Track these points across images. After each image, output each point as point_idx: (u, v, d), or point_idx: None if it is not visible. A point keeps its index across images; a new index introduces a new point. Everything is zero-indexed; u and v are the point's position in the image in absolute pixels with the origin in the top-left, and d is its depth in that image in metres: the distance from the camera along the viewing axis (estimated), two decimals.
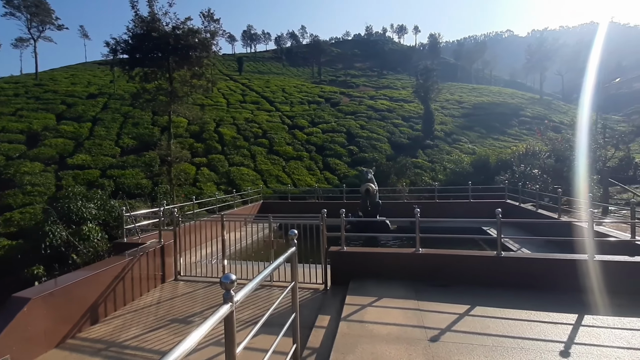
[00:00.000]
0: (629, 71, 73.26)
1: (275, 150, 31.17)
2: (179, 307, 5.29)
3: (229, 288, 1.59)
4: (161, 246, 6.36)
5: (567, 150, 14.50)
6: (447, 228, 10.50)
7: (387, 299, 4.85)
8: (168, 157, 16.55)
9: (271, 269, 2.37)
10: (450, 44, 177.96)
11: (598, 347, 3.53)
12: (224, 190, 21.58)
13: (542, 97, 68.33)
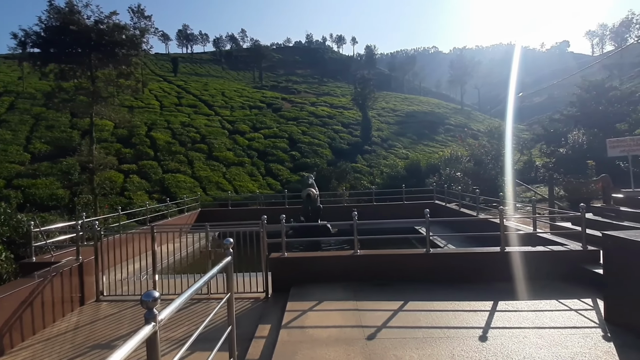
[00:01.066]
0: (529, 87, 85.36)
1: (215, 155, 29.95)
2: (101, 331, 4.77)
3: (152, 307, 1.47)
4: (79, 264, 5.68)
5: (483, 155, 16.41)
6: (384, 229, 11.08)
7: (328, 302, 4.94)
8: (90, 164, 14.89)
9: (203, 281, 2.27)
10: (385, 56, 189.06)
11: (510, 329, 4.00)
12: (157, 199, 20.07)
13: (463, 108, 76.03)
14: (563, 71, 73.19)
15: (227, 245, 2.87)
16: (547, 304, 4.65)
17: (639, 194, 7.42)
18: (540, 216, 8.12)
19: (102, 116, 16.90)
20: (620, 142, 8.30)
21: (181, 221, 13.71)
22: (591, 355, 3.35)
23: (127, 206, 17.55)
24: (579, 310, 4.41)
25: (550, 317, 4.24)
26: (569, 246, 5.87)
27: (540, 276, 5.54)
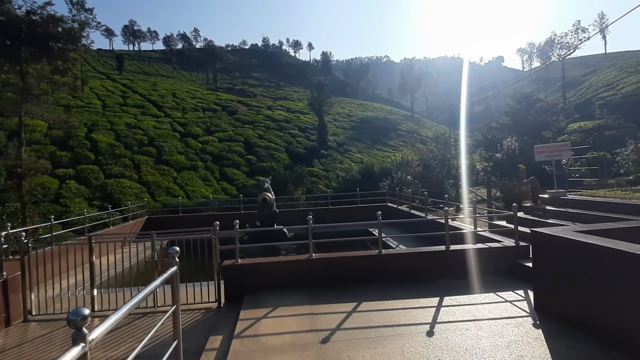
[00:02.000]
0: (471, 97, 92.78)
1: (165, 159, 28.38)
2: (29, 354, 4.25)
3: (80, 326, 1.35)
4: (3, 280, 5.04)
5: (431, 159, 17.47)
6: (339, 232, 11.28)
7: (283, 308, 4.89)
8: (18, 169, 13.30)
9: (143, 295, 2.12)
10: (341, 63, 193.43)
11: (454, 322, 4.26)
12: (99, 206, 18.51)
13: (413, 115, 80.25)
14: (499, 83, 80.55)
15: (173, 254, 2.73)
16: (485, 297, 5.04)
17: (561, 194, 8.39)
18: (479, 216, 8.80)
19: (34, 115, 15.23)
20: (545, 148, 9.36)
21: (125, 230, 12.77)
22: (523, 343, 3.67)
23: (62, 215, 15.95)
24: (513, 302, 4.83)
25: (489, 309, 4.60)
26: (504, 243, 6.42)
27: (480, 271, 5.99)
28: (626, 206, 6.76)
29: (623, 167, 14.45)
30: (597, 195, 7.90)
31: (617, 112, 25.12)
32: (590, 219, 6.84)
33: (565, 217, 7.51)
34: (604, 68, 67.97)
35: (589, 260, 3.74)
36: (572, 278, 4.01)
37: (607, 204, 7.18)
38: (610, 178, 13.53)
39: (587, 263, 3.76)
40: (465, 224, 8.97)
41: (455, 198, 14.59)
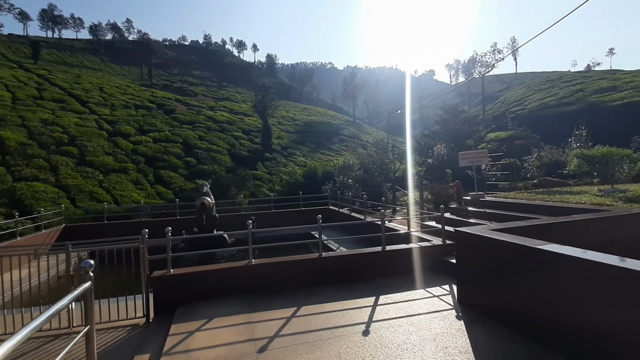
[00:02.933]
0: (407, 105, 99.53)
1: (89, 161, 25.56)
2: None
3: None
4: None
5: (370, 163, 18.34)
6: (282, 236, 11.16)
7: (219, 318, 4.68)
8: None
9: (48, 315, 1.86)
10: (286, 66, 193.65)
11: (388, 320, 4.47)
12: (5, 213, 15.99)
13: (355, 120, 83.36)
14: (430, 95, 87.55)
15: (87, 268, 2.44)
16: (416, 293, 5.39)
17: (480, 196, 9.38)
18: (412, 217, 9.40)
19: None
20: (467, 155, 10.44)
21: (37, 240, 11.20)
22: (448, 334, 3.99)
23: None
24: (440, 296, 5.23)
25: (419, 305, 4.92)
26: (433, 242, 6.95)
27: (413, 269, 6.40)
28: (530, 206, 7.79)
29: (529, 172, 16.78)
30: (508, 197, 9.02)
31: (525, 124, 29.09)
32: (503, 218, 7.74)
33: (483, 216, 8.39)
34: (515, 85, 77.77)
35: (500, 255, 4.21)
36: (488, 272, 4.48)
37: (516, 204, 8.20)
38: (519, 181, 15.60)
39: (500, 258, 4.23)
40: (400, 225, 9.53)
41: (392, 201, 15.47)
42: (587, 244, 5.06)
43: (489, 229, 4.82)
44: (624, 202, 6.91)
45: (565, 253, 3.35)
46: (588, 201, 7.22)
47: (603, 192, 8.07)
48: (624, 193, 7.68)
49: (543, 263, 3.60)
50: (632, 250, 5.53)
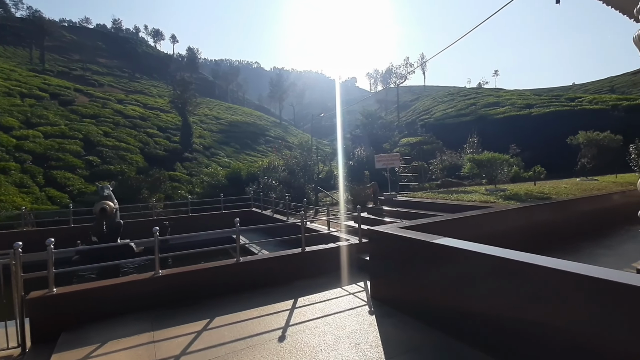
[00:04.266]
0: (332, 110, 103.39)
1: None
2: None
3: None
4: None
5: (294, 165, 18.46)
6: (201, 242, 10.47)
7: (114, 341, 4.09)
8: None
9: None
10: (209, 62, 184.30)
11: (305, 322, 4.44)
12: None
13: (282, 122, 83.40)
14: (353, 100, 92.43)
15: None
16: (333, 292, 5.50)
17: (393, 196, 10.14)
18: (333, 218, 9.68)
19: None
20: (383, 158, 11.25)
21: None
22: (360, 330, 4.13)
23: None
24: (355, 293, 5.43)
25: (335, 304, 5.02)
26: (351, 241, 7.22)
27: (332, 269, 6.54)
28: (434, 204, 8.67)
29: (434, 174, 18.90)
30: (416, 196, 9.94)
31: (432, 131, 32.79)
32: (412, 215, 8.44)
33: (396, 215, 9.05)
34: (424, 97, 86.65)
35: (406, 251, 4.53)
36: (396, 267, 4.78)
37: (423, 203, 9.05)
38: (426, 182, 17.43)
39: (406, 253, 4.55)
40: (321, 226, 9.71)
41: (315, 202, 15.77)
42: (477, 237, 5.76)
43: (398, 227, 5.17)
44: (504, 199, 8.17)
45: (458, 246, 3.74)
46: (477, 199, 8.35)
47: (489, 192, 9.44)
48: (503, 192, 9.10)
49: (441, 256, 3.98)
50: (510, 239, 6.50)
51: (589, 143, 16.29)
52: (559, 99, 43.98)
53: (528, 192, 9.11)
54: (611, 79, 70.76)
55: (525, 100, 44.96)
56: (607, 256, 6.07)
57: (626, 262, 5.58)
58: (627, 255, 5.93)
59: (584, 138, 16.74)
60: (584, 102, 39.97)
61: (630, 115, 31.57)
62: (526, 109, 40.80)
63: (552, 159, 23.92)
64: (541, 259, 3.03)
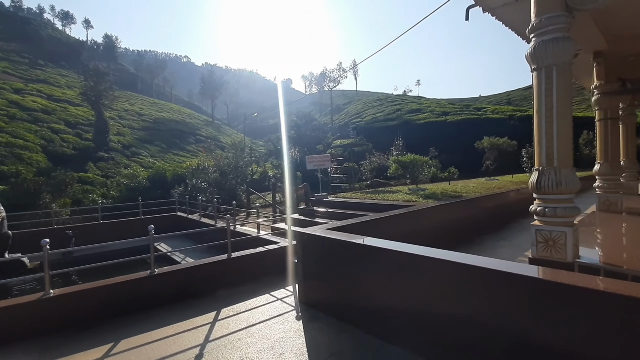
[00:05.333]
0: (267, 110, 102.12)
1: None
2: None
3: None
4: None
5: (226, 166, 17.65)
6: (114, 252, 9.31)
7: None
8: None
9: None
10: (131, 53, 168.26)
11: (227, 336, 4.14)
12: None
13: (214, 121, 79.67)
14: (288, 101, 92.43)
15: None
16: (260, 299, 5.28)
17: (324, 197, 10.27)
18: (264, 220, 9.41)
19: None
20: (314, 158, 11.36)
21: None
22: (286, 338, 3.98)
23: None
24: (283, 299, 5.28)
25: (262, 312, 4.81)
26: (281, 243, 7.06)
27: (260, 274, 6.30)
28: (363, 204, 8.98)
29: (364, 175, 19.80)
30: (346, 197, 10.22)
31: (362, 134, 34.45)
32: (342, 216, 8.61)
33: (327, 215, 9.15)
34: (355, 101, 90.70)
35: (332, 252, 4.53)
36: (322, 268, 4.76)
37: (353, 203, 9.32)
38: (356, 182, 18.16)
39: (332, 254, 4.55)
40: (251, 229, 9.38)
41: (246, 204, 15.24)
42: (399, 235, 6.04)
43: (325, 228, 5.17)
44: (424, 198, 8.83)
45: (377, 245, 3.84)
46: (401, 199, 8.88)
47: (411, 191, 10.14)
48: (423, 191, 9.86)
49: (362, 256, 4.04)
50: (429, 235, 6.99)
51: (491, 147, 18.63)
52: (469, 108, 49.76)
53: (444, 191, 9.99)
54: (508, 92, 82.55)
55: (442, 108, 49.90)
56: (505, 247, 6.89)
57: (520, 252, 6.39)
58: (521, 246, 6.81)
59: (487, 143, 19.10)
60: (488, 112, 45.80)
61: (523, 124, 37.02)
62: (443, 116, 45.33)
63: (463, 160, 26.85)
64: (447, 254, 3.25)
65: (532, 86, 4.82)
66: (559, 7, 4.61)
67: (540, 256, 4.59)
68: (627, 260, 4.92)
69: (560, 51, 4.49)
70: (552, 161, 4.52)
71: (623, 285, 2.30)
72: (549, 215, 4.53)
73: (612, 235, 6.65)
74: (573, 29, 4.73)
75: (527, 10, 4.94)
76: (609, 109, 8.73)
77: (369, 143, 25.06)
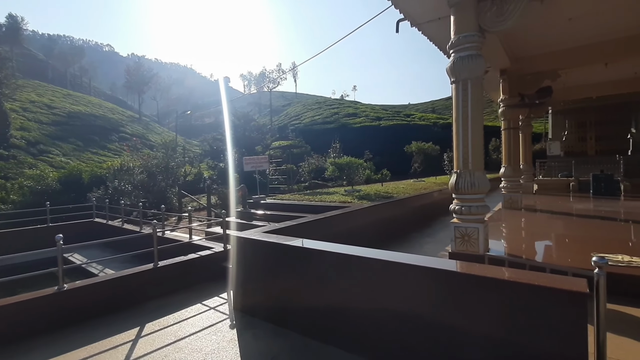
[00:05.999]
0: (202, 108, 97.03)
1: None
2: None
3: None
4: None
5: (155, 166, 16.27)
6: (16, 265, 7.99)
7: None
8: None
9: None
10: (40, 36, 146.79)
11: (151, 353, 3.78)
12: None
13: (142, 118, 73.22)
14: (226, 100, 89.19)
15: None
16: (192, 310, 4.96)
17: (262, 199, 10.09)
18: (198, 225, 8.90)
19: None
20: (251, 160, 11.11)
21: None
22: (219, 349, 3.78)
23: None
24: (217, 307, 5.03)
25: (192, 323, 4.51)
26: (215, 249, 6.73)
27: (192, 283, 5.92)
28: (301, 206, 9.03)
29: (302, 176, 19.99)
30: (284, 198, 10.17)
31: (301, 136, 34.79)
32: (280, 218, 8.53)
33: (265, 218, 8.99)
34: (295, 103, 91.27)
35: (267, 256, 4.44)
36: (258, 273, 4.64)
37: (291, 205, 9.30)
38: (295, 184, 18.24)
39: (267, 258, 4.46)
40: (183, 235, 8.79)
41: (178, 208, 14.25)
42: (336, 235, 6.19)
43: (261, 232, 5.06)
44: (358, 199, 9.20)
45: (311, 247, 3.87)
46: (338, 200, 9.14)
47: (347, 192, 10.49)
48: (358, 192, 10.29)
49: (298, 258, 4.04)
50: (363, 235, 7.28)
51: (419, 151, 20.28)
52: (400, 115, 53.47)
53: (377, 192, 10.53)
54: (433, 102, 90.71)
55: (376, 114, 52.84)
56: (430, 243, 7.50)
57: (442, 247, 7.00)
58: (443, 242, 7.46)
59: (415, 147, 20.76)
60: (416, 119, 49.80)
61: (445, 131, 40.89)
62: (377, 120, 48.05)
63: (395, 163, 28.75)
64: (377, 253, 3.41)
65: (452, 97, 5.34)
66: (473, 28, 5.17)
67: (458, 250, 5.07)
68: (525, 251, 5.71)
69: (474, 67, 5.04)
70: (467, 165, 5.04)
71: (522, 274, 2.64)
72: (465, 213, 5.03)
73: (514, 229, 7.66)
74: (485, 49, 5.35)
75: (448, 28, 5.45)
76: (511, 120, 10.12)
77: (307, 145, 25.38)
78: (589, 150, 17.13)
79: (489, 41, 6.25)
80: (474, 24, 5.13)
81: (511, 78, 9.84)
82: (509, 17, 4.92)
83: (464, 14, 5.18)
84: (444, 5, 5.53)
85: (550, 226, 7.80)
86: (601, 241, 6.07)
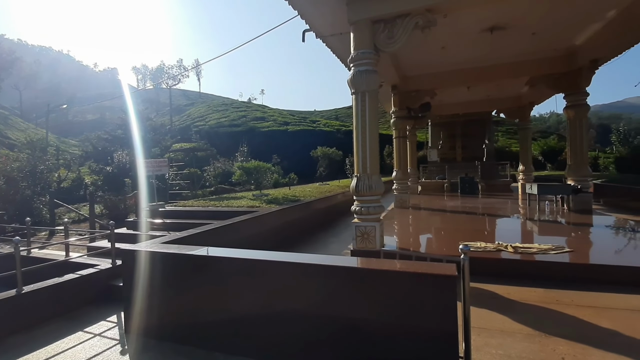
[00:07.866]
0: (83, 102, 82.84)
1: None
2: None
3: None
4: None
5: (17, 170, 13.13)
6: None
7: None
8: None
9: None
10: None
11: None
12: None
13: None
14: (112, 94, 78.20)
15: None
16: (70, 340, 4.21)
17: (160, 206, 9.18)
18: (78, 239, 7.60)
19: None
20: (148, 163, 9.97)
21: None
22: None
23: None
24: (103, 333, 4.38)
25: (71, 356, 3.83)
26: (100, 266, 5.84)
27: (70, 308, 5.03)
28: (206, 212, 8.54)
29: (208, 181, 18.91)
30: (187, 205, 9.46)
31: (206, 138, 32.89)
32: (183, 226, 7.89)
33: (165, 227, 8.21)
34: (198, 103, 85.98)
35: (166, 268, 4.08)
36: (157, 288, 4.22)
37: (195, 211, 8.71)
38: (199, 189, 17.13)
39: (166, 271, 4.09)
40: (58, 252, 7.36)
41: (51, 220, 11.82)
42: (245, 241, 6.06)
43: (160, 242, 4.63)
44: (267, 203, 9.19)
45: (217, 255, 3.73)
46: (245, 204, 8.95)
47: (255, 197, 10.37)
48: (267, 196, 10.28)
49: (204, 267, 3.83)
50: (272, 238, 7.31)
51: (324, 156, 21.37)
52: (306, 120, 55.33)
53: (285, 196, 10.69)
54: (336, 109, 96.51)
55: (284, 118, 53.55)
56: (334, 243, 7.97)
57: (345, 246, 7.52)
58: (346, 241, 8.02)
59: (320, 152, 21.81)
60: (321, 125, 52.28)
61: (347, 137, 43.92)
62: (284, 125, 48.70)
63: (302, 167, 29.60)
64: (285, 256, 3.50)
65: (353, 107, 5.83)
66: (370, 46, 5.75)
67: (359, 248, 5.54)
68: (412, 244, 6.58)
69: (371, 81, 5.61)
70: (366, 169, 5.56)
71: (410, 265, 3.05)
72: (365, 213, 5.53)
73: (404, 226, 8.74)
74: (379, 66, 5.99)
75: (348, 43, 5.94)
76: (401, 129, 11.57)
77: (213, 148, 24.04)
78: (457, 157, 20.66)
79: (383, 60, 7.03)
80: (370, 42, 5.72)
81: (400, 93, 11.25)
82: (397, 41, 5.63)
83: (362, 32, 5.73)
84: (345, 22, 6.01)
85: (430, 222, 9.19)
86: (467, 232, 7.40)
